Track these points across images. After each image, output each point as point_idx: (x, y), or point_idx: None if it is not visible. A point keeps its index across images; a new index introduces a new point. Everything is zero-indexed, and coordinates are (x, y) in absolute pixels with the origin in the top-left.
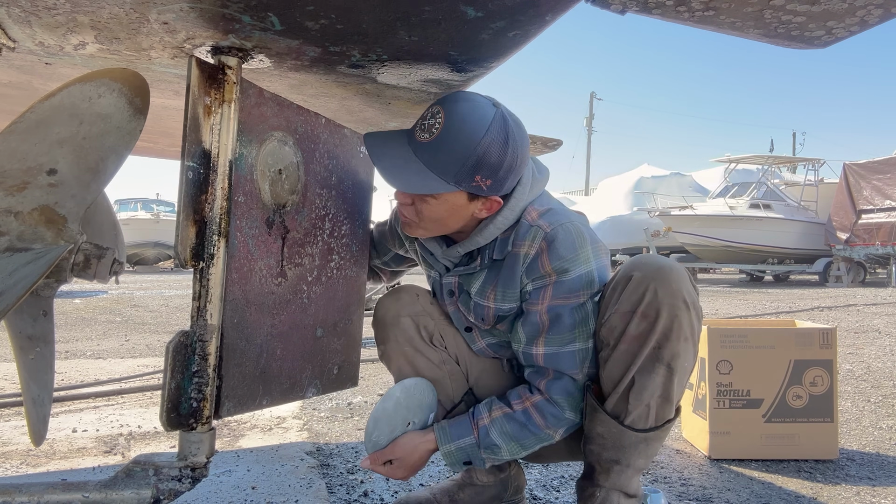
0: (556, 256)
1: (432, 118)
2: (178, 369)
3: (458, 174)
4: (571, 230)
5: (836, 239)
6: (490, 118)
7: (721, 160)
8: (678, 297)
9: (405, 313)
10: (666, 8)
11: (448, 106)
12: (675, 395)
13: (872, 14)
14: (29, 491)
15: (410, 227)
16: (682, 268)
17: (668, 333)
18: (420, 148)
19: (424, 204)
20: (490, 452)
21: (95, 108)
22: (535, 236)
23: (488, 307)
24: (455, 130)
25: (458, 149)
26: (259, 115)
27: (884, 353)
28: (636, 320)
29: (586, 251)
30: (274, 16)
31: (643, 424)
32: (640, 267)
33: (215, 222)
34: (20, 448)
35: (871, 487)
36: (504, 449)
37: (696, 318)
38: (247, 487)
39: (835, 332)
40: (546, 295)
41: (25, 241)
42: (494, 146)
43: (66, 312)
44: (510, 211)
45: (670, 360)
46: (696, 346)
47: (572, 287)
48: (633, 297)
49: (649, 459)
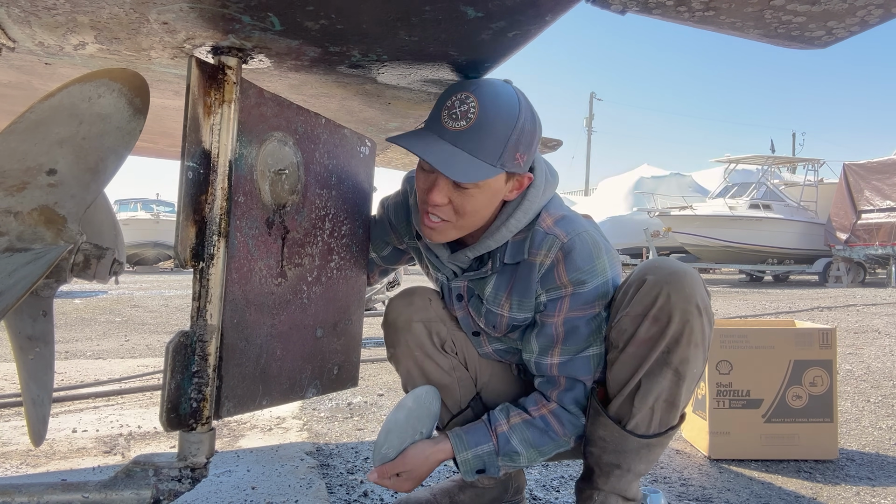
0: (574, 268)
1: (462, 105)
2: (178, 369)
3: (504, 155)
4: (588, 240)
5: (836, 239)
6: (514, 93)
7: (721, 160)
8: (691, 303)
9: (417, 318)
10: (666, 8)
11: (476, 90)
12: (681, 401)
13: (873, 14)
14: (29, 491)
15: (442, 232)
16: (697, 273)
17: (679, 338)
18: (460, 137)
19: (467, 197)
20: (508, 460)
21: (95, 108)
22: (551, 245)
23: (502, 316)
24: (494, 111)
25: (500, 128)
26: (259, 115)
27: (883, 353)
28: (647, 324)
29: (602, 262)
30: (274, 16)
31: (645, 430)
32: (654, 270)
33: (215, 222)
34: (20, 448)
35: (871, 487)
36: (523, 456)
37: (708, 324)
38: (247, 487)
39: (834, 332)
40: (563, 307)
41: (25, 242)
42: (528, 119)
43: (66, 312)
44: (523, 213)
45: (679, 365)
46: (707, 353)
47: (589, 299)
48: (645, 300)
49: (650, 465)
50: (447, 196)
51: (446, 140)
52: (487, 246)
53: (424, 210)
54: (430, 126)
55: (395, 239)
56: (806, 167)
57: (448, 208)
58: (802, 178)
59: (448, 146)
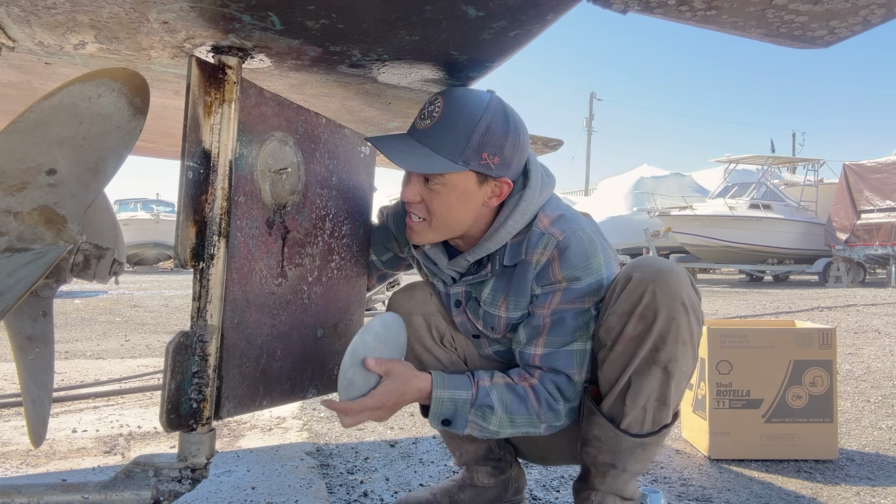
0: (568, 265)
1: (430, 105)
2: (178, 370)
3: (465, 152)
4: (584, 238)
5: (836, 239)
6: (487, 97)
7: (721, 160)
8: (676, 300)
9: (417, 311)
10: (668, 7)
11: (446, 94)
12: (672, 399)
13: (875, 14)
14: (28, 492)
15: (420, 233)
16: (684, 270)
17: (665, 336)
18: (424, 134)
19: (435, 196)
20: (480, 415)
21: (95, 107)
22: (546, 244)
23: (500, 317)
24: (456, 109)
25: (461, 125)
26: (259, 114)
27: (883, 353)
28: (633, 321)
29: (598, 260)
30: (274, 15)
31: (639, 429)
32: (640, 268)
33: (215, 222)
34: (20, 448)
35: (871, 487)
36: (496, 417)
37: (696, 321)
38: (247, 488)
39: (834, 332)
40: (553, 300)
41: (25, 242)
42: (496, 121)
43: (66, 313)
44: (521, 214)
45: (667, 364)
46: (696, 350)
47: (580, 294)
48: (631, 297)
49: (646, 464)
50: (418, 193)
51: (413, 138)
52: (487, 249)
53: (407, 210)
54: (408, 130)
55: (395, 247)
56: (806, 167)
57: (422, 206)
58: (802, 178)
59: (413, 142)
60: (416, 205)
